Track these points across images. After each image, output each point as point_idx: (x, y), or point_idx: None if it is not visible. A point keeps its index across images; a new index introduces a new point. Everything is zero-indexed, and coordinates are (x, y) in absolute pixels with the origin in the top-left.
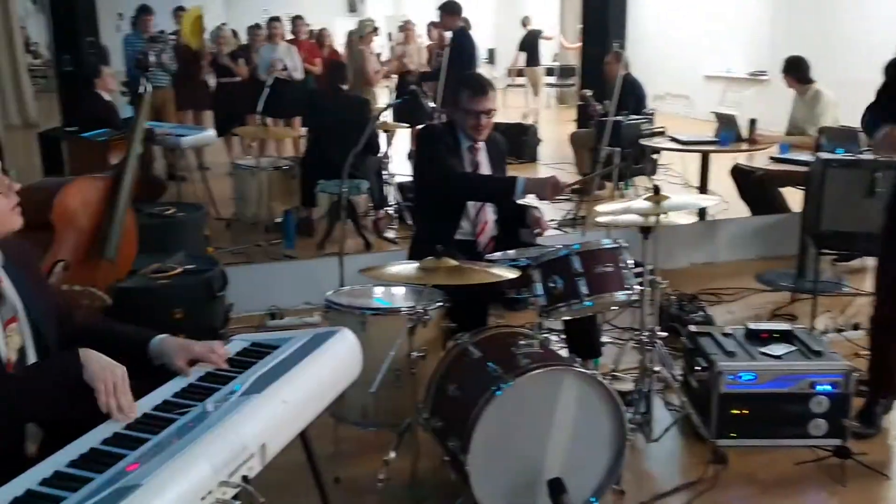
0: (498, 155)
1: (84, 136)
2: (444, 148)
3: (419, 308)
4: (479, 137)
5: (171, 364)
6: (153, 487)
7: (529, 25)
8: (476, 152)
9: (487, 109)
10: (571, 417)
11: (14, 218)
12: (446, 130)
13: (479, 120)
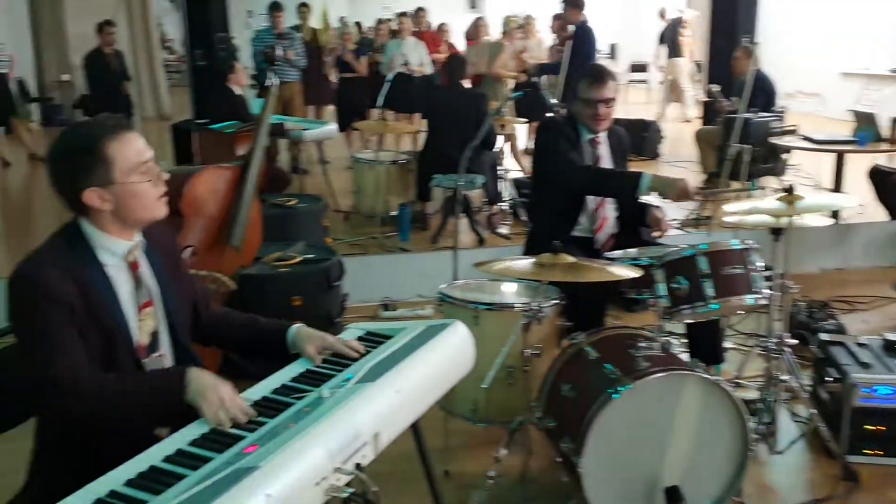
0: (620, 149)
1: (213, 128)
2: (565, 140)
3: (534, 305)
4: (597, 128)
5: (302, 351)
6: (270, 470)
7: (667, 17)
8: (597, 145)
9: (607, 98)
10: (692, 424)
11: (160, 207)
12: (567, 123)
13: (597, 109)
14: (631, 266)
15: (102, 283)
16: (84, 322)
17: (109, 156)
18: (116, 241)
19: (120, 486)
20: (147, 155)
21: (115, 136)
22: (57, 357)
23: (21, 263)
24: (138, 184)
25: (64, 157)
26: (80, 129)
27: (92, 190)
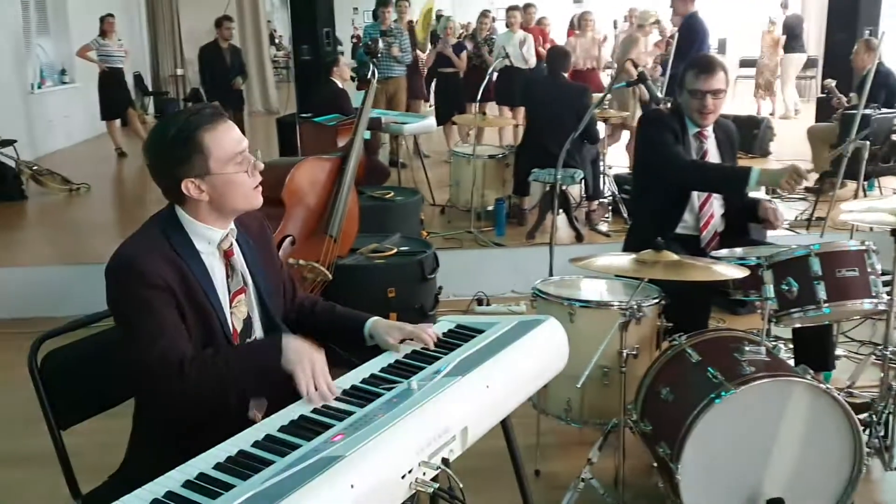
0: (728, 144)
1: (316, 121)
2: (670, 133)
3: (633, 303)
4: (704, 121)
5: (384, 343)
6: (356, 460)
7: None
8: (704, 139)
9: (715, 90)
10: (798, 434)
11: (256, 197)
12: (672, 116)
13: (705, 101)
14: (737, 266)
15: (199, 270)
16: (185, 306)
17: (205, 146)
18: (211, 229)
19: (209, 468)
20: (243, 145)
21: (211, 127)
22: (160, 340)
23: (119, 249)
24: (234, 174)
25: (161, 147)
26: (176, 119)
27: (189, 180)
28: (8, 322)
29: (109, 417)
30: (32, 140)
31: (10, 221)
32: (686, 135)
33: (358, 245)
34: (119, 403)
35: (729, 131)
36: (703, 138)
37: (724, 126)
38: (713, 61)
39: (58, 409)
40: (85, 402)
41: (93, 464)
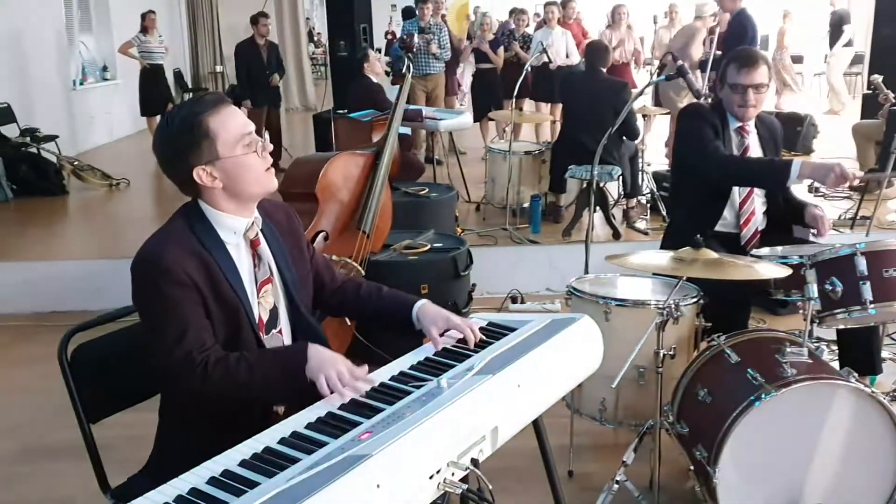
0: (772, 141)
1: (351, 117)
2: (710, 127)
3: (671, 302)
4: (745, 116)
5: (426, 331)
6: (383, 459)
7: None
8: (745, 134)
9: (756, 84)
10: (842, 439)
11: (269, 179)
12: (713, 110)
13: (745, 95)
14: (779, 265)
15: (225, 261)
16: (209, 301)
17: (212, 130)
18: (234, 219)
19: (235, 465)
20: (249, 127)
21: (215, 111)
22: (185, 338)
23: (144, 245)
24: (243, 156)
25: (168, 139)
26: (180, 110)
27: (200, 168)
28: (47, 315)
29: (142, 410)
30: (74, 136)
31: (52, 216)
32: (727, 130)
33: (391, 241)
34: (149, 398)
35: (773, 127)
36: (744, 133)
37: (768, 122)
38: (755, 54)
39: (88, 402)
40: (115, 395)
41: (125, 457)
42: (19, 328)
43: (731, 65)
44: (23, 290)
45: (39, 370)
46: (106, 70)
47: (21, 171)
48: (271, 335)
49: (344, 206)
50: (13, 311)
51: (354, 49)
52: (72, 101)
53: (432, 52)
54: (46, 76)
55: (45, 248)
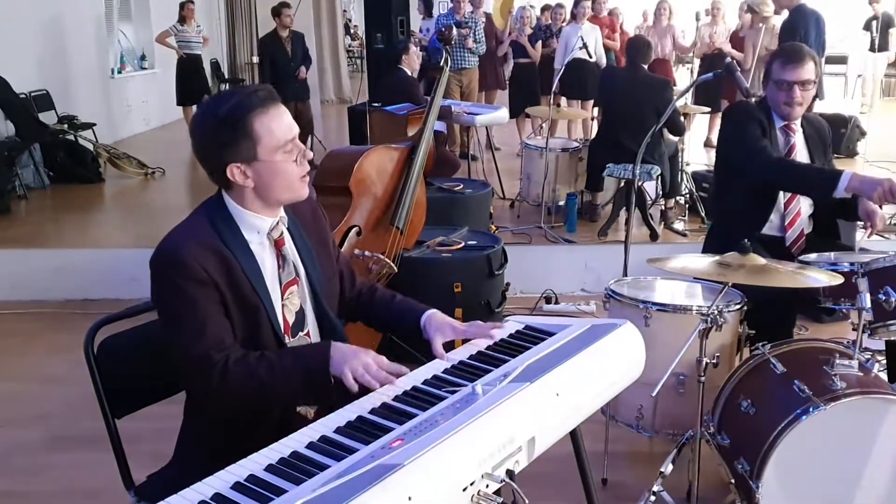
0: (818, 139)
1: (386, 110)
2: (757, 125)
3: (714, 308)
4: (791, 114)
5: (431, 340)
6: (414, 470)
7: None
8: (791, 133)
9: (803, 80)
10: (892, 457)
11: (302, 188)
12: (758, 107)
13: (791, 92)
14: (829, 272)
15: (248, 263)
16: (229, 300)
17: (256, 132)
18: (260, 218)
19: (261, 470)
20: (294, 132)
21: (263, 111)
22: (203, 336)
23: (164, 239)
24: (282, 163)
25: (210, 128)
26: (227, 100)
27: (235, 165)
28: (78, 303)
29: (171, 403)
30: (111, 124)
31: (88, 203)
32: (772, 129)
33: (425, 238)
34: (175, 394)
35: (820, 128)
36: (790, 132)
37: (815, 122)
38: (801, 50)
39: (114, 395)
40: (141, 390)
41: (153, 449)
42: (51, 315)
43: (776, 61)
44: (55, 278)
45: (70, 358)
46: (144, 59)
47: (58, 158)
48: (298, 338)
49: (378, 200)
50: (45, 299)
51: (391, 42)
52: (109, 89)
53: (468, 47)
54: (85, 64)
55: (80, 236)
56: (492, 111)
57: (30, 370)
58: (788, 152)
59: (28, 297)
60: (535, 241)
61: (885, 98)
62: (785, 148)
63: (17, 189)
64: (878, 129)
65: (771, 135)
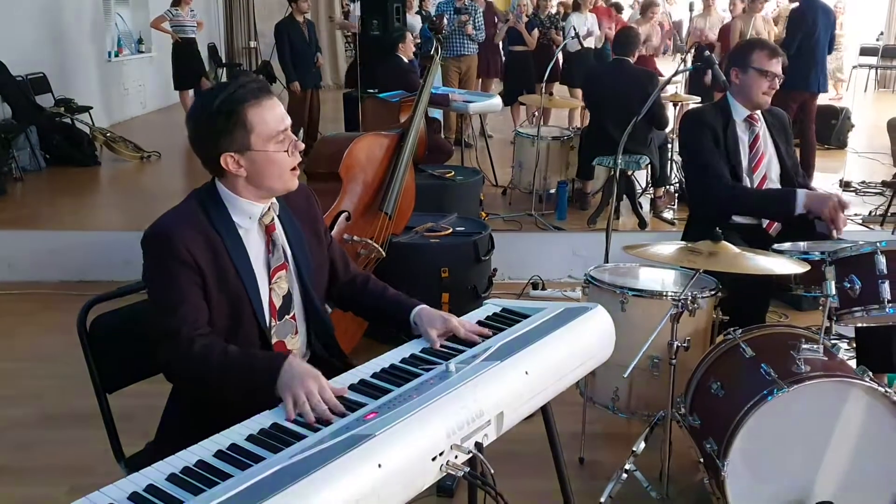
0: (782, 130)
1: (380, 97)
2: (709, 134)
3: (687, 294)
4: (766, 102)
5: (424, 333)
6: (385, 440)
7: None
8: (755, 123)
9: (779, 73)
10: (854, 437)
11: (291, 179)
12: (714, 109)
13: (773, 82)
14: (799, 260)
15: (234, 245)
16: (212, 282)
17: (249, 122)
18: (251, 204)
19: (242, 440)
20: (286, 122)
21: (256, 102)
22: (177, 314)
23: (156, 221)
24: (274, 153)
25: (204, 117)
26: (221, 91)
27: (229, 155)
28: (74, 284)
29: (162, 382)
30: (107, 107)
31: (83, 186)
32: (731, 124)
33: (414, 223)
34: None
35: (781, 118)
36: (754, 122)
37: (776, 112)
38: (777, 47)
39: (105, 371)
40: (132, 366)
41: (143, 426)
42: (46, 296)
43: (759, 51)
44: (51, 259)
45: (64, 338)
46: (141, 43)
47: (54, 140)
48: (284, 321)
49: (367, 186)
50: (40, 279)
51: (387, 29)
52: (106, 72)
53: (468, 34)
54: (82, 47)
55: (75, 218)
56: (486, 99)
57: (24, 349)
58: (754, 142)
59: (24, 277)
60: (525, 228)
61: (880, 90)
62: (750, 139)
63: (13, 171)
64: (871, 120)
65: (730, 131)
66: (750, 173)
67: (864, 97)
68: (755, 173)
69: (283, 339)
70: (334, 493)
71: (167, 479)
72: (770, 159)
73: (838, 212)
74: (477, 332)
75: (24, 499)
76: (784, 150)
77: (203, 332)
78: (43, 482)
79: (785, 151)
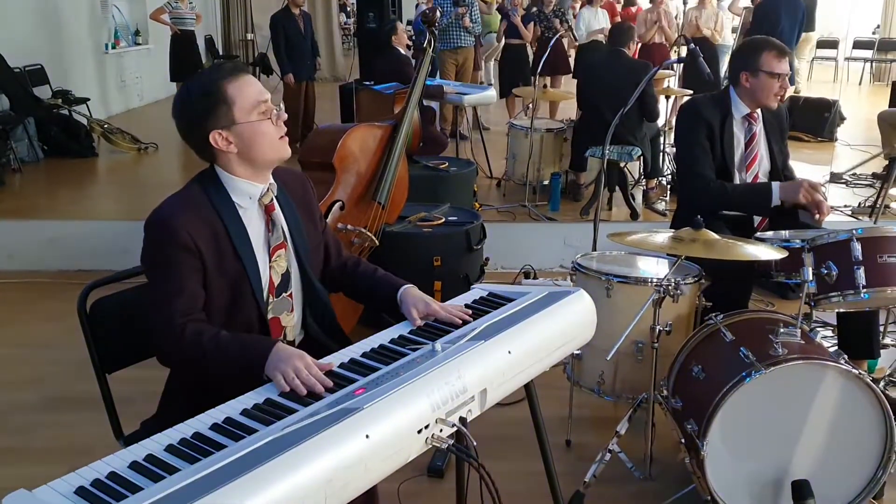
0: (777, 127)
1: (375, 89)
2: (704, 128)
3: (669, 280)
4: (775, 104)
5: (407, 312)
6: (372, 413)
7: None
8: (753, 122)
9: (788, 72)
10: (829, 418)
11: (283, 146)
12: (713, 102)
13: (783, 83)
14: (775, 248)
15: (234, 225)
16: (210, 266)
17: (229, 96)
18: (249, 184)
19: (236, 414)
20: (265, 95)
21: (234, 78)
22: (174, 299)
23: (158, 207)
24: (259, 122)
25: (187, 102)
26: (200, 76)
27: (216, 132)
28: (73, 273)
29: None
30: (105, 99)
31: (81, 177)
32: (729, 120)
33: (407, 213)
34: None
35: (779, 115)
36: (752, 121)
37: (776, 109)
38: (784, 47)
39: (104, 353)
40: (129, 349)
41: (141, 410)
42: (45, 285)
43: (767, 52)
44: (50, 249)
45: (62, 325)
46: (138, 35)
47: (52, 132)
48: (281, 298)
49: (360, 176)
50: (39, 269)
51: (383, 20)
52: (103, 64)
53: (465, 26)
54: (79, 39)
55: (73, 209)
56: (480, 91)
57: (24, 336)
58: (750, 140)
59: (23, 267)
60: (518, 219)
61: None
62: (746, 137)
63: (11, 162)
64: (864, 112)
65: (726, 127)
66: (743, 171)
67: (858, 90)
68: (748, 171)
69: (279, 315)
70: (324, 461)
71: (165, 449)
72: (762, 158)
73: (813, 194)
74: (457, 315)
75: (26, 478)
76: (777, 148)
77: (196, 317)
78: (44, 462)
79: (777, 150)
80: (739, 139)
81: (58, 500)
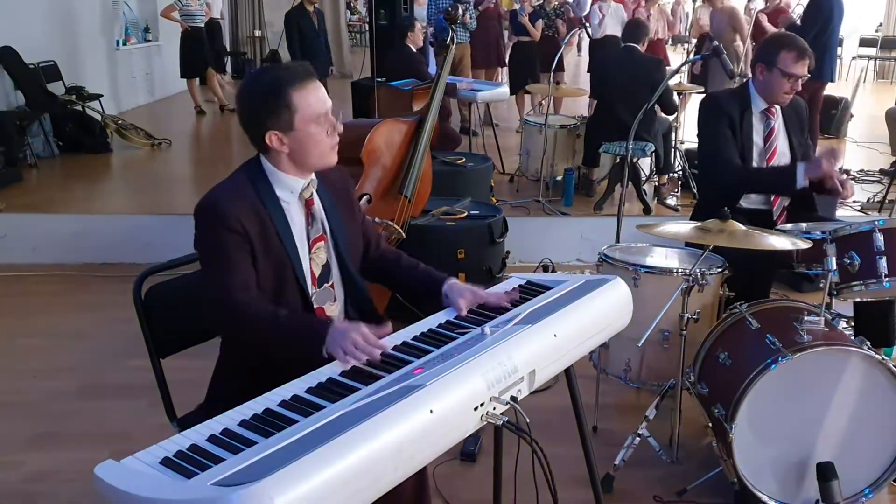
0: (797, 122)
1: (392, 85)
2: (725, 120)
3: (696, 270)
4: (787, 101)
5: (455, 304)
6: (435, 390)
7: None
8: (771, 116)
9: (805, 75)
10: (852, 402)
11: (331, 156)
12: (733, 96)
13: (796, 84)
14: (801, 239)
15: (278, 216)
16: (258, 251)
17: (293, 103)
18: (293, 179)
19: (302, 392)
20: (327, 105)
21: (301, 85)
22: (229, 279)
23: (208, 193)
24: (315, 134)
25: (253, 97)
26: (269, 73)
27: (273, 133)
28: (99, 266)
29: (191, 357)
30: (117, 95)
31: (96, 172)
32: (748, 114)
33: (430, 207)
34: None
35: (798, 108)
36: (770, 116)
37: (795, 103)
38: (807, 46)
39: (157, 338)
40: (181, 334)
41: (176, 398)
42: (70, 277)
43: (787, 52)
44: (71, 242)
45: (94, 317)
46: (148, 31)
47: (67, 128)
48: (323, 288)
49: (387, 170)
50: (61, 262)
51: (394, 18)
52: (115, 61)
53: (465, 22)
54: (91, 36)
55: (90, 204)
56: (493, 88)
57: (54, 327)
58: (769, 134)
59: (47, 260)
60: (532, 214)
61: (879, 81)
62: (766, 130)
63: (27, 158)
64: (869, 110)
65: (746, 121)
66: (763, 164)
67: (862, 88)
68: (768, 165)
69: (323, 305)
70: (395, 433)
71: (239, 424)
72: (783, 152)
73: (833, 165)
74: (506, 301)
75: (70, 462)
76: (797, 141)
77: (253, 294)
78: (84, 448)
79: (797, 143)
80: (759, 131)
81: (145, 469)
